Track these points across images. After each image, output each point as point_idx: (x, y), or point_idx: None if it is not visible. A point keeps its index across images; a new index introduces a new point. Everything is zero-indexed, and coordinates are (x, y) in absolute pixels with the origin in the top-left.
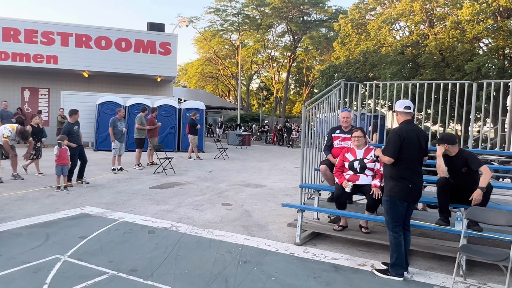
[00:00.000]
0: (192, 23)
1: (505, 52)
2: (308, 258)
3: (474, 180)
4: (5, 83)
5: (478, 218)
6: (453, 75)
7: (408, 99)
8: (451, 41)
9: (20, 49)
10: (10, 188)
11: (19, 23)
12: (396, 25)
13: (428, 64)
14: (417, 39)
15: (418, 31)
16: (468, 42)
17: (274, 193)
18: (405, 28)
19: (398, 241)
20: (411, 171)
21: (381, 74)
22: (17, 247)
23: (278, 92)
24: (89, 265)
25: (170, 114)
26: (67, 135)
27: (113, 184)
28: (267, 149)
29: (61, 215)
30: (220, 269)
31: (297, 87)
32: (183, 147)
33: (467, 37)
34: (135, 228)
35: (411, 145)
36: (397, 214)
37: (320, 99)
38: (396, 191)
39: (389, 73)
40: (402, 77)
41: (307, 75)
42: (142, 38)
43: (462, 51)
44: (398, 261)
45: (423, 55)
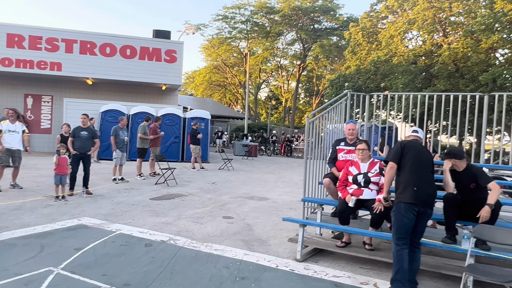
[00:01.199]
0: (200, 30)
1: None
2: (309, 275)
3: (482, 196)
4: (8, 90)
5: (485, 237)
6: (467, 86)
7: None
8: (465, 51)
9: (24, 56)
10: (8, 197)
11: (24, 29)
12: (409, 34)
13: (441, 74)
14: (430, 48)
15: (431, 40)
16: (483, 52)
17: (278, 207)
18: (417, 37)
19: (399, 254)
20: (415, 177)
21: (393, 85)
22: (10, 258)
23: (287, 101)
24: (82, 278)
25: (174, 123)
26: (72, 137)
27: (113, 195)
28: (274, 161)
29: (57, 226)
30: (217, 285)
31: (307, 96)
32: (187, 157)
33: (482, 47)
34: (132, 241)
35: (413, 152)
36: (401, 225)
37: (325, 110)
38: (402, 196)
39: (401, 83)
40: (414, 88)
41: (317, 84)
42: (147, 46)
43: (477, 61)
44: (399, 276)
45: (436, 65)
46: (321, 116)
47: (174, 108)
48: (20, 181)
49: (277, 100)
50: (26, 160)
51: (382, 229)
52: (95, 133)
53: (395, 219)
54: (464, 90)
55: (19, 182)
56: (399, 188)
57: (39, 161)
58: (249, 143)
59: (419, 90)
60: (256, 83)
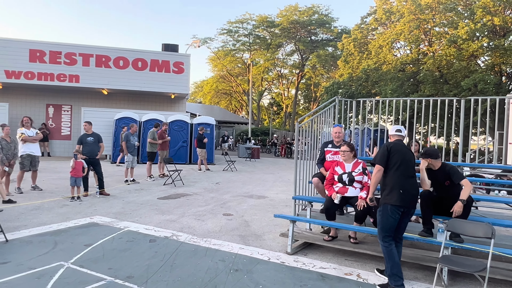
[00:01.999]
0: (206, 43)
1: (501, 68)
2: (298, 267)
3: (456, 192)
4: (31, 100)
5: (458, 230)
6: (451, 91)
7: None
8: (448, 59)
9: (45, 69)
10: (28, 198)
11: (45, 45)
12: (397, 44)
13: (427, 80)
14: (416, 57)
15: (417, 49)
16: (465, 60)
17: (274, 204)
18: (404, 47)
19: (389, 250)
20: (401, 180)
21: (382, 91)
22: (26, 254)
23: (288, 107)
24: (89, 271)
25: (182, 129)
26: (79, 144)
27: (124, 195)
28: (274, 162)
29: (71, 224)
30: (212, 276)
31: (305, 102)
32: (195, 160)
33: (464, 55)
34: (138, 237)
35: (398, 154)
36: (387, 224)
37: (314, 115)
38: (388, 198)
39: (390, 89)
40: (402, 93)
41: (315, 91)
42: (157, 58)
43: (459, 68)
44: (394, 270)
45: (422, 72)
46: (313, 121)
47: (182, 115)
48: (41, 183)
49: (278, 106)
50: (47, 164)
51: (365, 224)
52: (100, 137)
53: (381, 219)
54: (448, 95)
55: (39, 184)
56: (386, 190)
57: (59, 165)
58: (252, 146)
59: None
60: (258, 91)
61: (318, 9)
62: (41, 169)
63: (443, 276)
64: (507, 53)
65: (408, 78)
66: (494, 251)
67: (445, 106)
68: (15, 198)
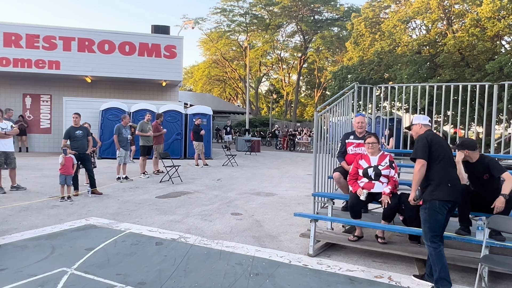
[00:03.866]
0: (198, 24)
1: None
2: (322, 270)
3: (496, 187)
4: (6, 90)
5: (500, 227)
6: (473, 75)
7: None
8: (470, 40)
9: (21, 55)
10: (13, 199)
11: (21, 28)
12: (412, 24)
13: (446, 64)
14: (434, 37)
15: (435, 29)
16: (489, 40)
17: (285, 202)
18: (421, 27)
19: (438, 252)
20: (447, 171)
21: (397, 75)
22: (23, 259)
23: (289, 95)
24: (96, 278)
25: (176, 120)
26: (67, 138)
27: (119, 194)
28: (277, 155)
29: (66, 227)
30: (231, 281)
31: (308, 89)
32: (190, 154)
33: (488, 35)
34: (142, 240)
35: (439, 145)
36: (436, 223)
37: (334, 103)
38: (436, 193)
39: (406, 74)
40: (419, 78)
41: (318, 76)
42: (146, 42)
43: (482, 50)
44: (443, 274)
45: (441, 54)
46: (330, 110)
47: (175, 104)
48: (23, 182)
49: (278, 94)
50: (28, 160)
51: (394, 222)
52: (88, 131)
53: (428, 217)
54: (470, 80)
55: (22, 184)
56: (431, 185)
57: (41, 162)
58: (251, 138)
59: (424, 81)
60: (256, 77)
61: None
62: (21, 167)
63: (484, 277)
64: None
65: (425, 61)
66: None
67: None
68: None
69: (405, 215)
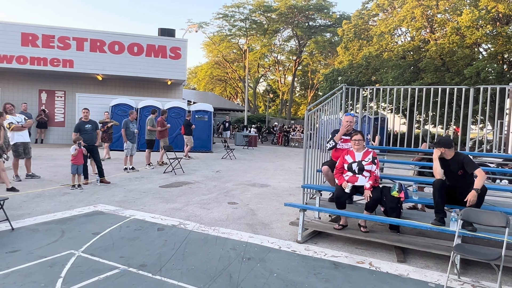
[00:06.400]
0: (202, 28)
1: (504, 57)
2: (309, 255)
3: (469, 182)
4: (23, 85)
5: (472, 219)
6: (453, 79)
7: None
8: (451, 46)
9: (37, 54)
10: (28, 186)
11: (37, 29)
12: (398, 31)
13: (428, 68)
14: (418, 44)
15: (419, 36)
16: (468, 47)
17: (278, 193)
18: (406, 34)
19: None
20: None
21: (383, 78)
22: (34, 242)
23: (284, 94)
24: (101, 260)
25: (179, 116)
26: (77, 132)
27: (125, 183)
28: (272, 150)
29: (75, 212)
30: (225, 265)
31: (302, 89)
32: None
33: (467, 43)
34: (145, 225)
35: None
36: None
37: (323, 103)
38: None
39: (391, 77)
40: (403, 81)
41: (312, 78)
42: (153, 43)
43: (462, 56)
44: None
45: (424, 59)
46: (319, 109)
47: (179, 101)
48: (38, 171)
49: (275, 93)
50: (43, 151)
51: (376, 212)
52: (97, 124)
53: None
54: (450, 83)
55: (36, 172)
56: None
57: (55, 152)
58: (249, 134)
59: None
60: (254, 78)
61: None
62: (36, 157)
63: (456, 264)
64: (510, 41)
65: (409, 66)
66: (510, 240)
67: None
68: (15, 186)
69: (386, 206)
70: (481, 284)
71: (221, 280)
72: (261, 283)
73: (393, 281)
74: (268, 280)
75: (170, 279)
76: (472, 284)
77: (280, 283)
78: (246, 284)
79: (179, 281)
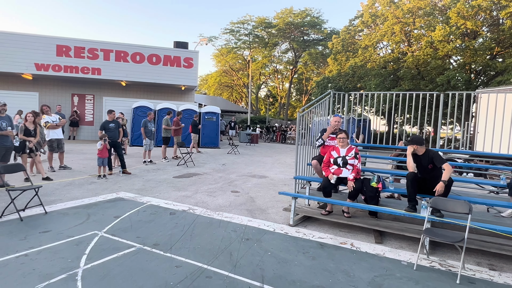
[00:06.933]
0: (211, 41)
1: (471, 67)
2: (299, 237)
3: (438, 175)
4: (58, 90)
5: (440, 206)
6: (427, 86)
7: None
8: (425, 58)
9: (70, 63)
10: (60, 176)
11: (70, 41)
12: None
13: (406, 76)
14: (397, 56)
15: (398, 49)
16: (440, 59)
17: (275, 183)
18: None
19: None
20: None
21: (367, 85)
22: (64, 224)
23: (282, 99)
24: (121, 239)
25: (191, 117)
26: (102, 130)
27: (144, 174)
28: (271, 147)
29: (100, 199)
30: (227, 244)
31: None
32: (203, 144)
33: (439, 55)
34: (159, 210)
35: None
36: None
37: (312, 106)
38: None
39: (373, 84)
40: (384, 88)
41: (306, 85)
42: (169, 54)
43: (435, 66)
44: None
45: (402, 69)
46: (310, 111)
47: (191, 104)
48: (70, 163)
49: (274, 98)
50: (74, 146)
51: (357, 200)
52: (119, 124)
53: None
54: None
55: (68, 164)
56: None
57: (84, 147)
58: (251, 132)
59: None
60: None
61: (310, 12)
62: (68, 151)
63: (426, 246)
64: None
65: (389, 74)
66: (471, 224)
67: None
68: (49, 176)
69: (366, 195)
70: (447, 262)
71: (223, 257)
72: (256, 260)
73: (371, 260)
74: (263, 257)
75: (178, 256)
76: (439, 262)
77: (273, 260)
78: (244, 261)
79: (187, 258)
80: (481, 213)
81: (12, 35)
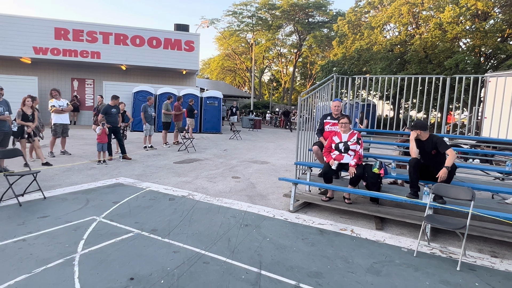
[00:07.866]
0: (213, 24)
1: (481, 50)
2: (299, 223)
3: (441, 160)
4: (57, 74)
5: (442, 193)
6: (434, 70)
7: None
8: (433, 40)
9: (69, 46)
10: (60, 161)
11: (68, 24)
12: (387, 26)
13: (413, 60)
14: (404, 38)
15: (405, 31)
16: (448, 41)
17: (276, 169)
18: (394, 29)
19: None
20: None
21: (373, 69)
22: (62, 209)
23: (286, 83)
24: (119, 225)
25: None
26: (104, 114)
27: (144, 159)
28: (274, 132)
29: (99, 184)
30: (225, 230)
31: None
32: (204, 129)
33: (448, 37)
34: (158, 196)
35: None
36: None
37: (314, 90)
38: None
39: (379, 68)
40: (390, 72)
41: (310, 69)
42: (170, 37)
43: (443, 49)
44: None
45: (409, 52)
46: (312, 95)
47: (192, 89)
48: (70, 148)
49: (278, 82)
50: (74, 132)
51: (358, 186)
52: (119, 109)
53: None
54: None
55: (68, 150)
56: None
57: (85, 133)
58: (254, 117)
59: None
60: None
61: None
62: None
63: (427, 232)
64: (487, 35)
65: (396, 58)
66: (474, 211)
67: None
68: (49, 161)
69: (367, 181)
70: (448, 249)
71: (221, 243)
72: (255, 246)
73: (370, 246)
74: (261, 243)
75: (176, 242)
76: (440, 249)
77: (272, 246)
78: (242, 247)
79: (184, 243)
80: (485, 200)
81: (10, 17)
